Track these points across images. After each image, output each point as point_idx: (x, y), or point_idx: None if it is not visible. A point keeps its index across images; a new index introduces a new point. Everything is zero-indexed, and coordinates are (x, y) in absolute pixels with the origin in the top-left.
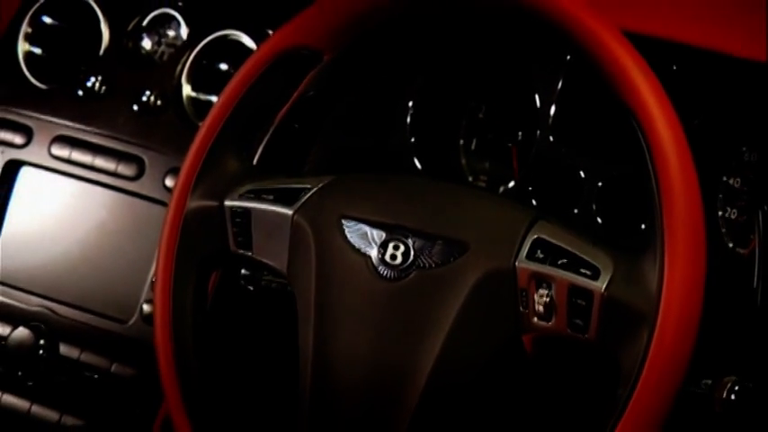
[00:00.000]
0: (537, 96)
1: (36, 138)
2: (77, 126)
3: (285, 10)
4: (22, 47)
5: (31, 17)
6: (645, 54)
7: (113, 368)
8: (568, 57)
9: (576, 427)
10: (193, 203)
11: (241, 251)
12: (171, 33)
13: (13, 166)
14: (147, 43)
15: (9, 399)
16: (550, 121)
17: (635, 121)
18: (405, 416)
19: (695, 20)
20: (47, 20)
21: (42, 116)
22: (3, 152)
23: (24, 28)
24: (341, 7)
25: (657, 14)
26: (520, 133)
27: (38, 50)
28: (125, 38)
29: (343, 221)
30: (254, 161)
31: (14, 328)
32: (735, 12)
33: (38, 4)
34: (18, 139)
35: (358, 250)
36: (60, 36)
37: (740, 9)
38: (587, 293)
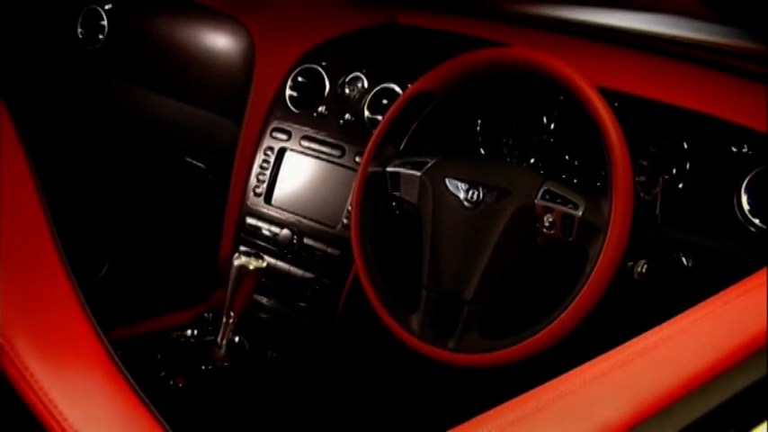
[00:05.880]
0: (544, 118)
1: (293, 137)
2: (313, 131)
3: (417, 72)
4: (287, 92)
5: (292, 78)
6: (607, 98)
7: (329, 250)
8: (561, 97)
9: (565, 286)
10: (371, 169)
11: (394, 193)
12: (359, 85)
13: (282, 151)
14: (347, 90)
15: (279, 263)
16: (552, 130)
17: (598, 130)
18: (475, 278)
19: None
20: (299, 78)
21: (296, 126)
22: (278, 143)
23: (288, 83)
24: (448, 74)
25: (620, 76)
26: (535, 137)
27: (294, 93)
28: (337, 87)
29: (446, 179)
30: (401, 148)
31: (281, 229)
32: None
33: (294, 72)
34: (284, 137)
35: (453, 194)
36: (306, 86)
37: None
38: (571, 217)
